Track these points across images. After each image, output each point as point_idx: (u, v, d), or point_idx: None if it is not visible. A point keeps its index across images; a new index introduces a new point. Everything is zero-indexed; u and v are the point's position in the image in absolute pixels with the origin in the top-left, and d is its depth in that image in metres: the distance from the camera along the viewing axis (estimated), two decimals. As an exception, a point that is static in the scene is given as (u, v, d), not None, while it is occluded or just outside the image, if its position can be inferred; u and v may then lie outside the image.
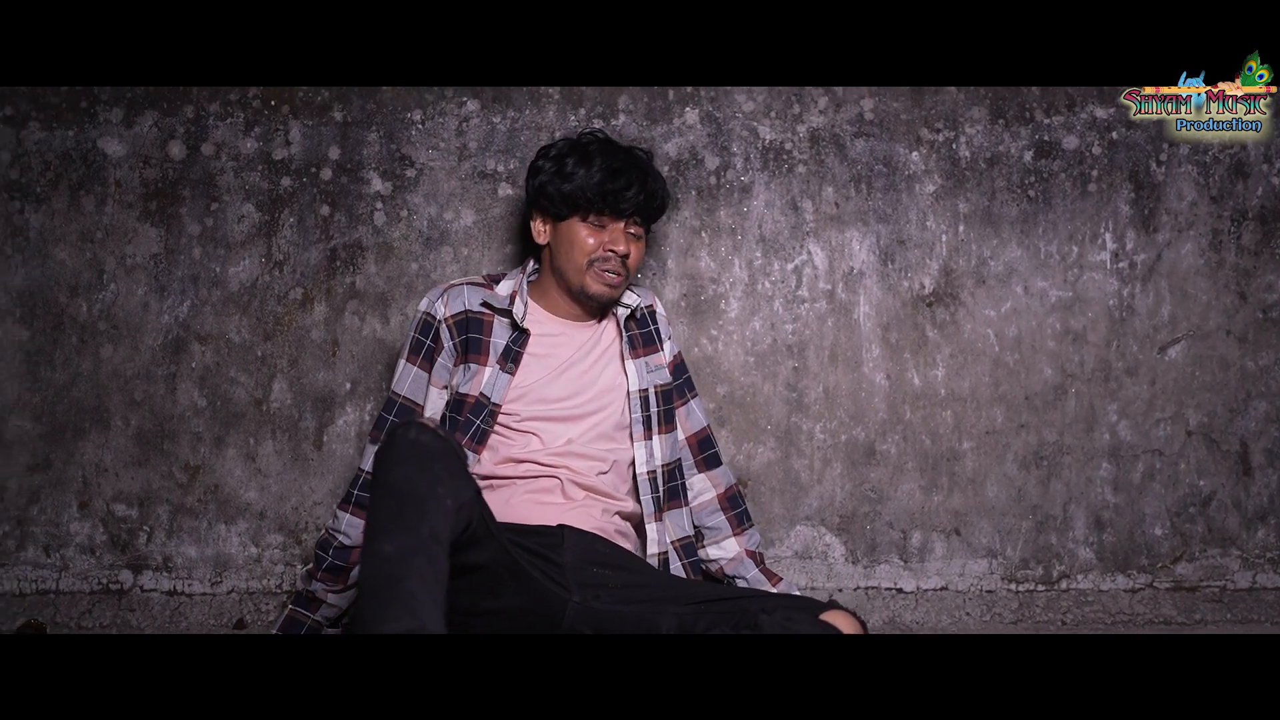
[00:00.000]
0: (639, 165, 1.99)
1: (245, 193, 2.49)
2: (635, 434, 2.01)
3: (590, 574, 1.76)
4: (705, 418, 2.17)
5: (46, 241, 2.47)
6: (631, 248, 2.01)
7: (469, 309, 2.01)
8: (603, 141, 2.02)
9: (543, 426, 1.94)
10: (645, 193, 1.97)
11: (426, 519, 1.38)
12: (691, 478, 2.13)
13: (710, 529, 2.14)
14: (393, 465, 1.44)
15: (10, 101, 2.48)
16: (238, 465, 2.46)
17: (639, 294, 2.13)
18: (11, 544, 2.45)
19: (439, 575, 1.36)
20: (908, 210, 2.50)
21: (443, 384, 2.03)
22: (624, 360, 2.04)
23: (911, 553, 2.49)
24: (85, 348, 2.46)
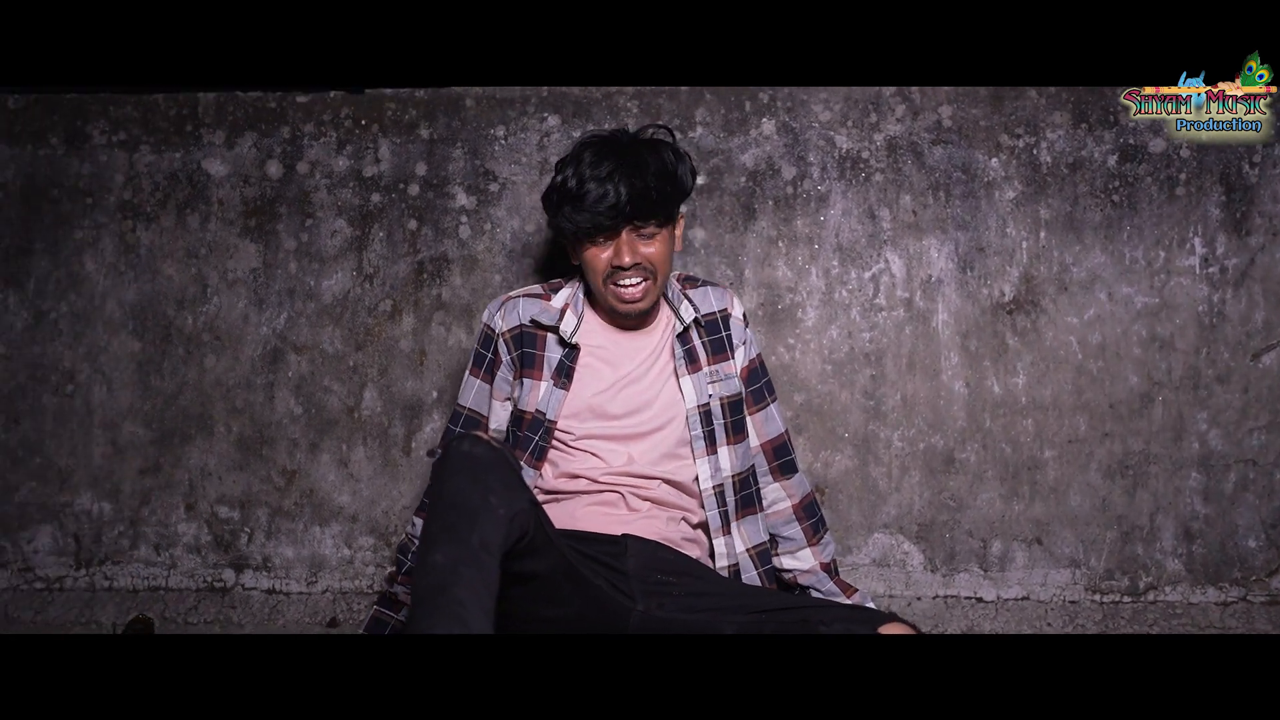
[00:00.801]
0: (626, 165, 1.85)
1: (338, 209, 2.62)
2: (696, 450, 1.97)
3: (654, 581, 1.79)
4: (783, 423, 2.12)
5: (155, 258, 2.64)
6: (646, 250, 1.90)
7: (523, 323, 2.00)
8: (593, 151, 1.89)
9: (601, 445, 1.93)
10: (633, 194, 1.83)
11: (477, 529, 1.45)
12: (766, 486, 2.10)
13: (785, 538, 2.12)
14: (446, 477, 1.52)
15: (123, 127, 2.66)
16: (331, 470, 2.60)
17: (712, 297, 2.07)
18: (126, 543, 2.63)
19: (488, 584, 1.42)
20: (987, 217, 2.52)
21: (504, 396, 2.03)
22: (678, 378, 1.99)
23: (992, 562, 2.50)
24: (191, 358, 2.63)
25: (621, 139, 1.92)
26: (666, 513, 1.93)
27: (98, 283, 2.65)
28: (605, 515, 1.88)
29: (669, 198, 1.90)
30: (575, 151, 1.90)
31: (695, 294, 2.07)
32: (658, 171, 1.87)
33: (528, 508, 1.55)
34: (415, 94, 2.64)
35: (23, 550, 2.64)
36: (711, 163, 2.57)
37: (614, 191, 1.82)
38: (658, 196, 1.86)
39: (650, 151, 1.89)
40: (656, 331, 2.03)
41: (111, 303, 2.64)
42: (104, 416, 2.63)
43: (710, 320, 2.06)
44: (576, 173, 1.86)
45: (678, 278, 2.10)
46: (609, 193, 1.83)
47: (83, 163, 2.66)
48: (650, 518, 1.90)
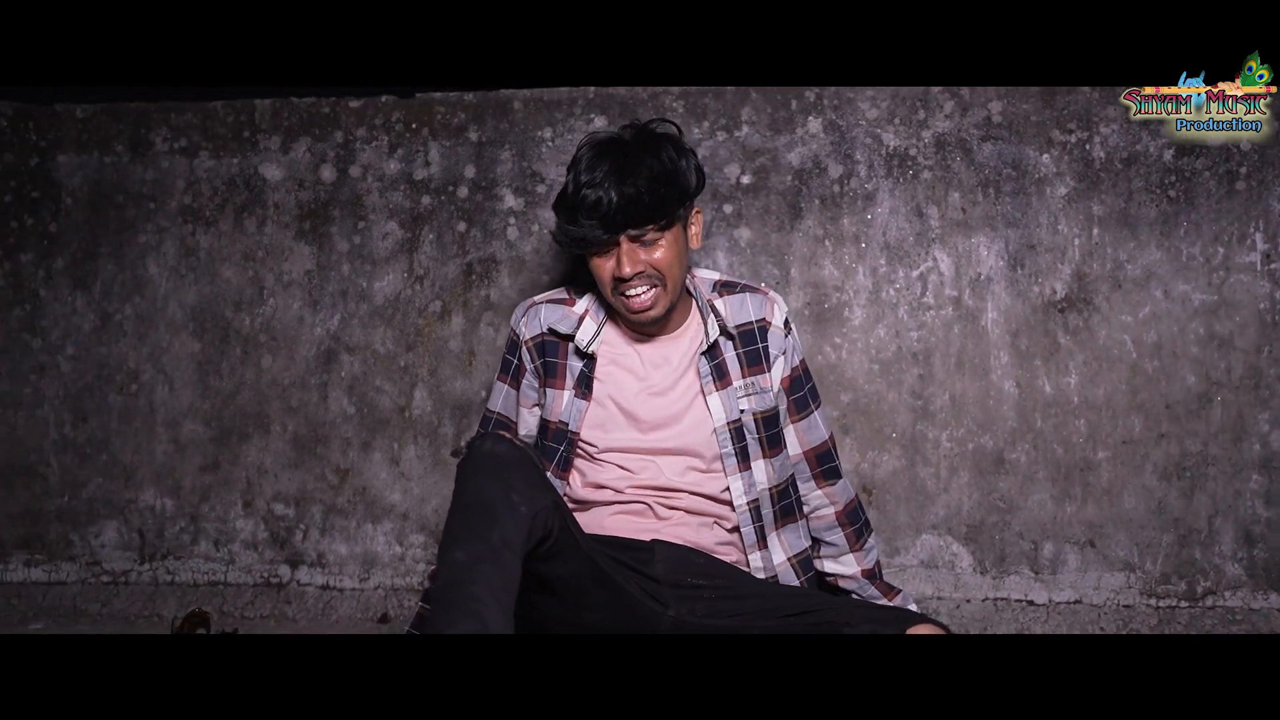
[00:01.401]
0: (617, 169, 1.75)
1: (389, 211, 2.69)
2: (728, 466, 1.89)
3: (686, 586, 1.78)
4: (827, 429, 2.03)
5: (214, 261, 2.73)
6: (649, 257, 1.80)
7: (544, 331, 1.95)
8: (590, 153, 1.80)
9: (625, 458, 1.89)
10: (624, 200, 1.74)
11: (498, 526, 1.47)
12: (809, 493, 2.03)
13: (828, 543, 2.07)
14: (469, 477, 1.54)
15: (184, 134, 2.76)
16: (383, 469, 2.67)
17: (750, 305, 1.95)
18: (187, 538, 2.73)
19: (507, 580, 1.44)
20: (1038, 214, 2.50)
21: (531, 404, 2.00)
22: (704, 395, 1.89)
23: (1043, 564, 2.49)
24: (248, 358, 2.71)
25: (621, 140, 1.82)
26: (698, 519, 1.89)
27: (160, 285, 2.75)
28: (633, 523, 1.86)
29: (665, 200, 1.77)
30: (575, 154, 1.82)
31: (731, 301, 1.95)
32: (653, 174, 1.76)
33: (551, 507, 1.55)
34: (464, 97, 2.70)
35: (90, 544, 2.76)
36: (758, 162, 2.58)
37: (604, 199, 1.73)
38: (651, 200, 1.75)
39: (648, 151, 1.78)
40: (683, 339, 1.94)
41: (173, 304, 2.74)
42: (166, 415, 2.73)
43: (746, 331, 1.93)
44: (574, 178, 1.78)
45: (715, 283, 1.98)
46: (600, 200, 1.74)
47: (146, 169, 2.77)
48: (681, 525, 1.87)
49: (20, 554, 2.77)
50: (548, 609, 1.68)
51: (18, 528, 2.77)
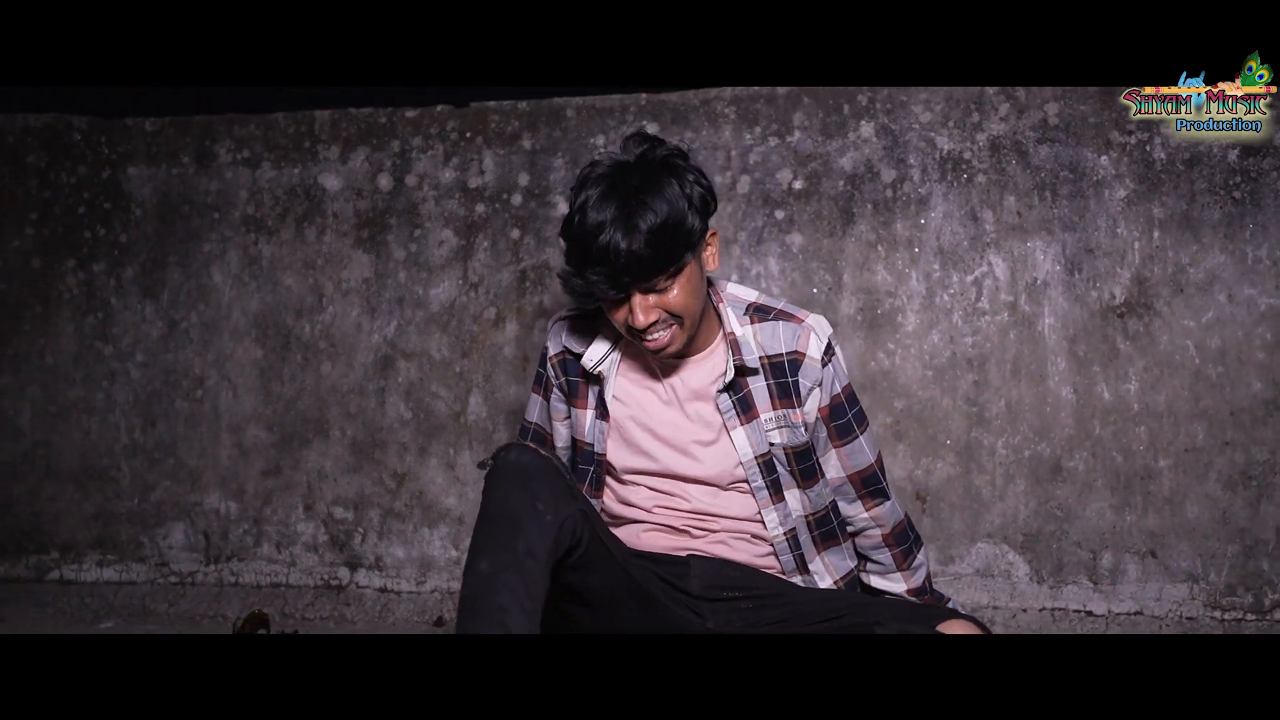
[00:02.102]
0: (623, 215, 1.65)
1: (444, 219, 2.76)
2: (760, 500, 1.84)
3: (721, 600, 1.79)
4: (874, 452, 1.93)
5: (276, 269, 2.83)
6: (663, 300, 1.71)
7: (564, 349, 1.92)
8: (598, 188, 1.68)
9: (653, 481, 1.86)
10: (629, 259, 1.65)
11: (522, 535, 1.50)
12: (856, 515, 1.95)
13: (875, 561, 2.02)
14: (495, 487, 1.56)
15: (247, 145, 2.85)
16: (439, 473, 2.74)
17: (782, 335, 1.83)
18: (250, 540, 2.83)
19: (532, 588, 1.47)
20: (1096, 217, 2.48)
21: (562, 416, 1.97)
22: (728, 430, 1.82)
23: (1102, 574, 2.47)
24: (308, 365, 2.80)
25: (632, 175, 1.69)
26: (734, 537, 1.86)
27: (224, 293, 2.85)
28: (669, 539, 1.86)
29: (672, 249, 1.67)
30: (583, 180, 1.71)
31: (762, 329, 1.84)
32: (653, 226, 1.64)
33: (578, 515, 1.57)
34: (518, 105, 2.76)
35: (159, 546, 2.87)
36: (809, 167, 2.60)
37: (611, 250, 1.63)
38: (654, 254, 1.65)
39: (651, 190, 1.66)
40: (708, 363, 1.85)
41: (236, 312, 2.84)
42: (230, 420, 2.83)
43: (776, 363, 1.83)
44: (580, 213, 1.68)
45: (748, 306, 1.87)
46: (606, 251, 1.64)
47: (211, 180, 2.87)
48: (718, 544, 1.86)
49: (93, 554, 2.89)
50: (582, 620, 1.71)
51: (91, 529, 2.89)
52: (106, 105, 3.00)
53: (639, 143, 1.75)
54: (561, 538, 1.54)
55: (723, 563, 1.84)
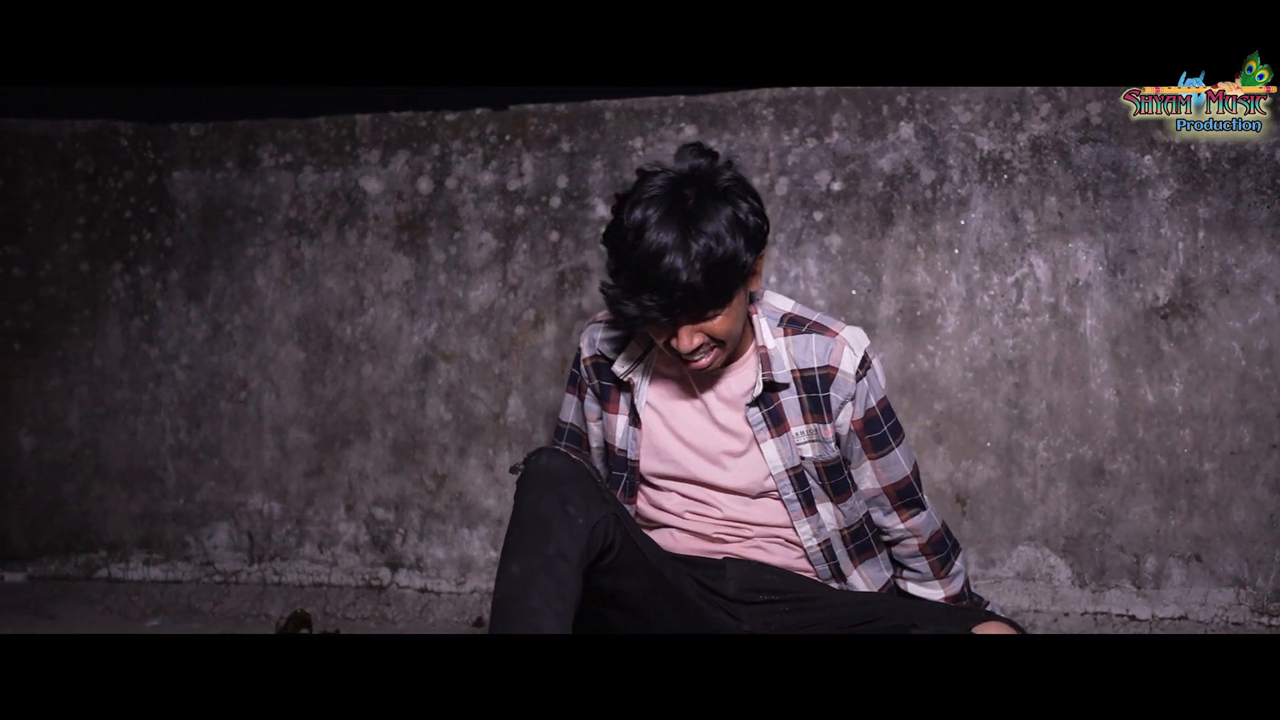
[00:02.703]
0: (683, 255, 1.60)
1: (484, 222, 2.80)
2: (792, 512, 1.83)
3: (757, 602, 1.80)
4: (909, 464, 1.90)
5: (318, 272, 2.89)
6: (710, 329, 1.68)
7: (596, 353, 1.91)
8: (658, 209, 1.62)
9: (685, 488, 1.86)
10: (689, 298, 1.61)
11: (553, 539, 1.52)
12: (892, 525, 1.92)
13: (912, 570, 2.00)
14: (526, 492, 1.59)
15: (289, 149, 2.91)
16: (479, 474, 2.78)
17: (815, 349, 1.81)
18: (292, 540, 2.89)
19: (563, 591, 1.49)
20: (1139, 218, 2.47)
21: (595, 418, 1.97)
22: (758, 444, 1.82)
23: (1145, 578, 2.46)
24: (349, 366, 2.86)
25: (688, 196, 1.64)
26: (768, 540, 1.87)
27: (267, 296, 2.91)
28: (703, 545, 1.87)
29: (729, 287, 1.65)
30: (638, 200, 1.65)
31: (795, 342, 1.81)
32: (714, 263, 1.61)
33: (610, 519, 1.59)
34: (556, 108, 2.80)
35: (204, 545, 2.94)
36: (848, 168, 2.61)
37: (667, 285, 1.59)
38: (708, 290, 1.62)
39: (714, 223, 1.62)
40: (740, 373, 1.84)
41: (279, 315, 2.90)
42: (273, 422, 2.89)
43: (808, 376, 1.80)
44: (636, 233, 1.62)
45: (783, 316, 1.84)
46: (660, 283, 1.59)
47: (254, 184, 2.93)
48: (754, 548, 1.87)
49: (140, 553, 2.96)
50: (617, 623, 1.73)
51: (138, 528, 2.96)
52: (152, 111, 3.08)
53: (696, 155, 1.70)
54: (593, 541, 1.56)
55: (759, 565, 1.85)
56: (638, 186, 1.67)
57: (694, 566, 1.82)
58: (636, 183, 1.68)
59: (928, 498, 1.94)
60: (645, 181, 1.67)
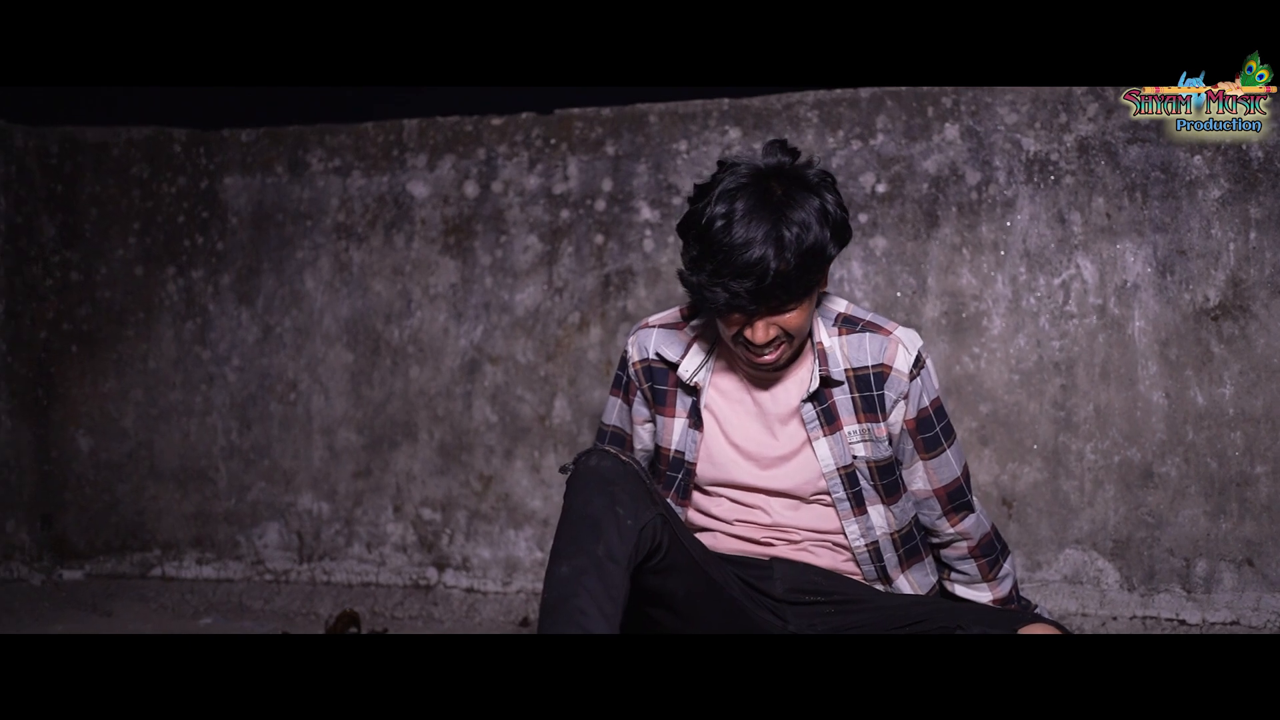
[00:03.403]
0: (775, 240, 1.64)
1: (529, 225, 2.85)
2: (841, 511, 1.85)
3: (804, 603, 1.83)
4: (960, 465, 1.92)
5: (366, 275, 2.95)
6: (783, 323, 1.72)
7: (650, 358, 1.92)
8: (746, 201, 1.66)
9: (736, 494, 1.89)
10: (777, 284, 1.65)
11: (602, 539, 1.55)
12: (942, 529, 1.94)
13: (960, 572, 2.01)
14: (575, 493, 1.62)
15: (338, 154, 2.99)
16: (524, 476, 2.83)
17: (869, 347, 1.84)
18: (341, 540, 2.96)
19: (611, 591, 1.52)
20: (1189, 218, 2.47)
21: (644, 420, 1.99)
22: (811, 442, 1.84)
23: (1196, 582, 2.46)
24: (397, 369, 2.92)
25: (776, 187, 1.68)
26: (815, 544, 1.89)
27: (316, 299, 2.98)
28: (750, 547, 1.89)
29: (815, 277, 1.70)
30: (724, 190, 1.68)
31: (849, 341, 1.84)
32: (807, 249, 1.65)
33: (658, 520, 1.63)
34: (601, 112, 2.84)
35: (255, 545, 3.01)
36: (893, 170, 2.64)
37: (757, 271, 1.63)
38: (800, 277, 1.66)
39: (805, 213, 1.66)
40: (795, 375, 1.86)
41: (328, 317, 2.97)
42: (322, 423, 2.97)
43: (861, 375, 1.83)
44: (725, 220, 1.66)
45: (837, 316, 1.87)
46: (748, 286, 1.64)
47: (303, 189, 3.01)
48: (801, 551, 1.89)
49: (193, 552, 3.05)
50: (665, 623, 1.76)
51: (191, 528, 3.05)
52: (204, 117, 3.16)
53: (780, 151, 1.74)
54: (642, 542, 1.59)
55: (805, 566, 1.87)
56: (721, 176, 1.71)
57: (741, 566, 1.85)
58: (718, 173, 1.72)
59: (976, 499, 1.97)
60: (729, 171, 1.71)
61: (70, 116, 3.21)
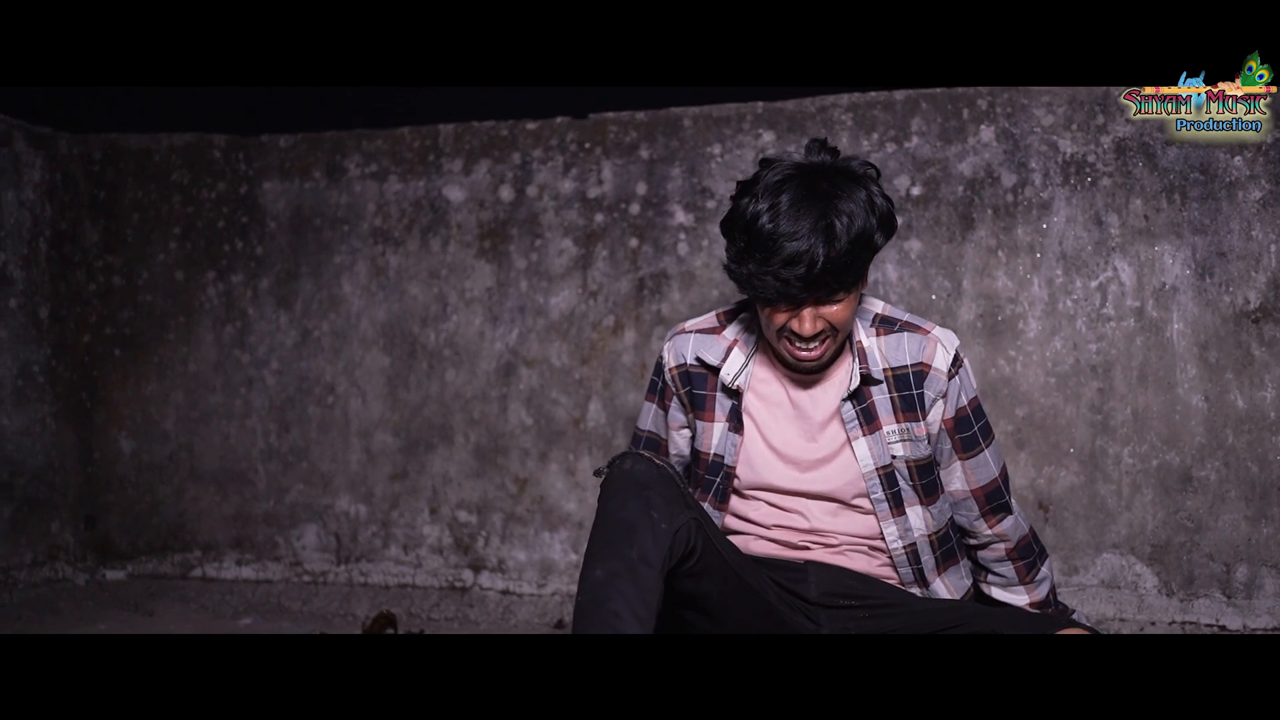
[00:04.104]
0: (824, 223, 1.68)
1: (564, 229, 2.89)
2: (880, 512, 1.87)
3: (838, 606, 1.84)
4: (998, 465, 1.95)
5: (402, 279, 3.00)
6: (829, 312, 1.75)
7: (688, 362, 1.95)
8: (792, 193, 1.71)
9: (773, 497, 1.91)
10: (827, 270, 1.68)
11: (636, 542, 1.57)
12: (980, 530, 1.97)
13: (997, 574, 2.03)
14: (609, 496, 1.65)
15: (375, 159, 3.04)
16: (559, 478, 2.87)
17: (907, 347, 1.87)
18: (379, 542, 3.01)
19: (645, 594, 1.55)
20: (1228, 220, 2.47)
21: (679, 425, 2.02)
22: (850, 441, 1.87)
23: (1236, 588, 2.46)
24: (433, 372, 2.97)
25: (821, 179, 1.73)
26: (851, 549, 1.91)
27: (353, 303, 3.04)
28: (784, 551, 1.91)
29: (862, 265, 1.75)
30: (770, 183, 1.72)
31: (887, 341, 1.87)
32: (856, 237, 1.70)
33: (692, 523, 1.65)
34: (635, 116, 2.88)
35: (293, 546, 3.07)
36: (928, 173, 2.65)
37: (807, 271, 1.67)
38: (852, 262, 1.71)
39: (852, 203, 1.71)
40: (833, 377, 1.89)
41: (365, 321, 3.03)
42: (359, 426, 3.02)
43: (900, 374, 1.86)
44: (772, 211, 1.70)
45: (874, 317, 1.90)
46: (800, 272, 1.67)
47: (340, 194, 3.06)
48: (837, 555, 1.90)
49: (233, 553, 3.11)
50: (699, 626, 1.79)
51: (230, 529, 3.11)
52: (243, 123, 3.23)
53: (820, 150, 1.78)
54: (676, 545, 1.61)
55: (840, 570, 1.88)
56: (765, 171, 1.75)
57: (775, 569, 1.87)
58: (761, 169, 1.76)
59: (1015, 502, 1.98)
60: (772, 167, 1.75)
61: (113, 124, 3.29)
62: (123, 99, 3.67)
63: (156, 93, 3.96)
